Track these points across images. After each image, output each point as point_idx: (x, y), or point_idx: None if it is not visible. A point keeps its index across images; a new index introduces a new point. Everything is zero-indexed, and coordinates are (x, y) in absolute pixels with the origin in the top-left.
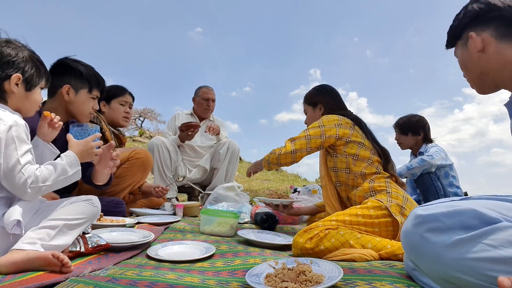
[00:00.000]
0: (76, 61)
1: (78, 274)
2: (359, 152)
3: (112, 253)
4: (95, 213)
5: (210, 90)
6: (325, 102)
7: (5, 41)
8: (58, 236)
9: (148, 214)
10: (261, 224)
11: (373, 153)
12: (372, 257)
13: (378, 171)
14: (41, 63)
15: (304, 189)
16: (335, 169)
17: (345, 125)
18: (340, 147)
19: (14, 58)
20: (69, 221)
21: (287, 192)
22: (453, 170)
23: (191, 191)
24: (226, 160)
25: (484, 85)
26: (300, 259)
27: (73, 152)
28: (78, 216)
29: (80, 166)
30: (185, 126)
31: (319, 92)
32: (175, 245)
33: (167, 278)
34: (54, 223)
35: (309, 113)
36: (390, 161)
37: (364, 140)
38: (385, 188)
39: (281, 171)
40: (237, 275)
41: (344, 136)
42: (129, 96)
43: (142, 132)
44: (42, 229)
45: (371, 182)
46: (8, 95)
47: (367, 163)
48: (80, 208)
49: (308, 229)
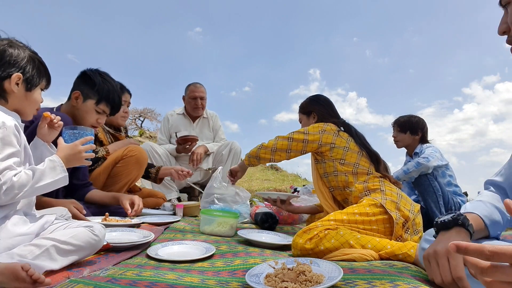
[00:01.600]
0: (100, 74)
1: (78, 275)
2: (345, 157)
3: (112, 253)
4: (94, 245)
5: (197, 88)
6: (318, 111)
7: (7, 41)
8: (42, 257)
9: (148, 214)
10: (261, 224)
11: (360, 155)
12: (372, 257)
13: (369, 171)
14: (42, 63)
15: (304, 189)
16: (326, 174)
17: (329, 131)
18: (326, 153)
19: (15, 58)
20: (60, 244)
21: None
22: (449, 169)
23: (191, 191)
24: (229, 161)
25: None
26: (300, 259)
27: (58, 156)
28: (72, 241)
29: (67, 172)
30: (182, 140)
31: (312, 102)
32: (175, 245)
33: (167, 278)
34: (42, 242)
35: (303, 122)
36: (381, 163)
37: (350, 143)
38: (379, 187)
39: (281, 171)
40: (237, 275)
41: (327, 142)
42: (127, 94)
43: (142, 132)
44: (27, 246)
45: (365, 183)
46: (9, 95)
47: (353, 167)
48: (77, 233)
49: (308, 230)
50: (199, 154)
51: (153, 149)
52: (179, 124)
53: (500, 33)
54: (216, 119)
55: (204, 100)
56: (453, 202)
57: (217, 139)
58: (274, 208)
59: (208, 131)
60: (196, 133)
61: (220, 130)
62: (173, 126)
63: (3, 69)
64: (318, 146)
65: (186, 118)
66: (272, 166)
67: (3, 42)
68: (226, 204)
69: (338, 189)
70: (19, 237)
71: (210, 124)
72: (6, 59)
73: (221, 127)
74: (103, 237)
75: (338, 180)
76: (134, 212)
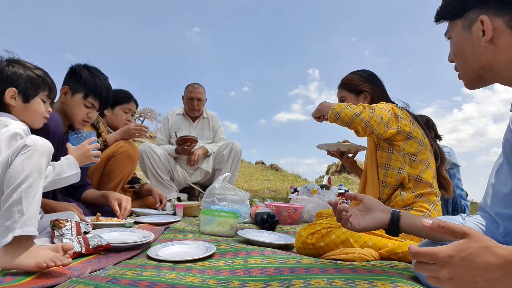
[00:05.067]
0: (87, 68)
1: (79, 275)
2: (419, 152)
3: (112, 253)
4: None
5: (195, 89)
6: (373, 91)
7: (6, 62)
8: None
9: (148, 214)
10: (261, 224)
11: (431, 154)
12: (372, 257)
13: (432, 184)
14: (40, 76)
15: (304, 189)
16: (387, 167)
17: (405, 118)
18: (398, 143)
19: (10, 75)
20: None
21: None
22: (459, 172)
23: (191, 191)
24: (229, 161)
25: (479, 81)
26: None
27: (71, 156)
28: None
29: (80, 169)
30: (182, 140)
31: (365, 79)
32: (176, 245)
33: (168, 278)
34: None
35: (349, 102)
36: (445, 163)
37: (424, 138)
38: (426, 210)
39: (281, 171)
40: (237, 273)
41: (406, 130)
42: (133, 104)
43: None
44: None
45: (418, 197)
46: (10, 108)
47: (424, 166)
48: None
49: (313, 225)
50: (197, 154)
51: (151, 149)
52: (179, 124)
53: (449, 61)
54: (216, 120)
55: (202, 102)
56: (460, 205)
57: (216, 139)
58: (274, 208)
59: (208, 131)
60: (196, 133)
61: (220, 130)
62: (173, 126)
63: (0, 86)
64: (396, 133)
65: (186, 118)
66: (272, 166)
67: (2, 63)
68: (226, 204)
69: (390, 188)
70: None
71: (210, 124)
72: (2, 76)
73: (221, 127)
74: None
75: (397, 178)
76: (121, 216)
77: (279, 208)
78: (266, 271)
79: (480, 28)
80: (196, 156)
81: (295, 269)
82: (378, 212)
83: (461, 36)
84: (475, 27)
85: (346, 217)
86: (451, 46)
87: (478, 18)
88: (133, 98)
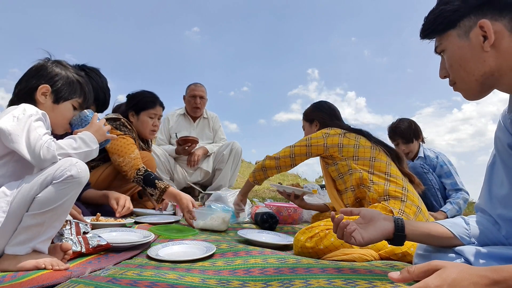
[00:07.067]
0: (85, 70)
1: (79, 275)
2: (357, 153)
3: (112, 253)
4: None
5: (197, 87)
6: (320, 118)
7: (53, 61)
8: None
9: (148, 214)
10: (261, 224)
11: (374, 149)
12: (372, 257)
13: (388, 171)
14: (80, 83)
15: (304, 189)
16: (340, 175)
17: (333, 134)
18: (335, 154)
19: (49, 72)
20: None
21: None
22: (452, 165)
23: (191, 191)
24: (230, 161)
25: (480, 89)
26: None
27: (89, 132)
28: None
29: (98, 144)
30: (182, 140)
31: (315, 109)
32: (176, 245)
33: (168, 278)
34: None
35: (306, 129)
36: (403, 160)
37: (359, 140)
38: (401, 195)
39: None
40: (237, 273)
41: (334, 143)
42: (159, 107)
43: None
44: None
45: (387, 185)
46: (38, 105)
47: (370, 161)
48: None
49: (310, 228)
50: (197, 155)
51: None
52: (180, 125)
53: (441, 77)
54: (216, 120)
55: (204, 100)
56: (450, 195)
57: (216, 139)
58: (274, 208)
59: (208, 131)
60: (197, 133)
61: (220, 130)
62: (173, 126)
63: (36, 81)
64: (325, 149)
65: (187, 118)
66: None
67: (48, 61)
68: (226, 204)
69: (350, 190)
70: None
71: (210, 124)
72: (41, 72)
73: (221, 127)
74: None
75: (353, 178)
76: (118, 214)
77: (279, 208)
78: (266, 271)
79: (480, 33)
80: (196, 157)
81: (295, 269)
82: (381, 221)
83: (458, 45)
84: (473, 34)
85: (350, 231)
86: (447, 58)
87: (475, 24)
88: (159, 101)
